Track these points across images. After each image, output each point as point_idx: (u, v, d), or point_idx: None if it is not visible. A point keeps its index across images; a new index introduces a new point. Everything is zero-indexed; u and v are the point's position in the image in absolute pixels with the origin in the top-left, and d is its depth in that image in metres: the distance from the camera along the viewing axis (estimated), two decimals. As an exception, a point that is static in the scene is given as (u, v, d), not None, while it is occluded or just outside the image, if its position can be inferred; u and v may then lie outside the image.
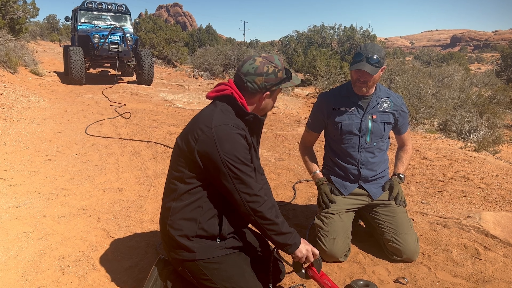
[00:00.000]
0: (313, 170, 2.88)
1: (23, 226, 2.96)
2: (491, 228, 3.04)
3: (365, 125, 2.71)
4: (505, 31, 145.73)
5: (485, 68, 37.32)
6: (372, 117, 2.71)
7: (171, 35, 23.76)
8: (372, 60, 2.52)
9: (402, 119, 2.82)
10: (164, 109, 8.79)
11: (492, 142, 7.55)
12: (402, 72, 12.61)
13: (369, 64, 2.53)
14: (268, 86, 1.87)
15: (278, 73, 1.87)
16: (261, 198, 1.81)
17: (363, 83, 2.61)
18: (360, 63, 2.54)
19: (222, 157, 1.74)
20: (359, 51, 2.58)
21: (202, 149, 1.77)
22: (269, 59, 1.87)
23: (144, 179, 4.15)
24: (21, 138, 5.42)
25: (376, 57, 2.53)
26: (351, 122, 2.72)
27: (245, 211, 1.81)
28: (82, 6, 12.84)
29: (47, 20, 41.82)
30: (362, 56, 2.54)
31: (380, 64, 2.56)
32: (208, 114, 1.85)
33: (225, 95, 1.87)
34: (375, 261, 2.65)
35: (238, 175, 1.76)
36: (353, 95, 2.72)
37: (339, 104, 2.75)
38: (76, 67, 11.40)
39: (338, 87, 2.87)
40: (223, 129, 1.77)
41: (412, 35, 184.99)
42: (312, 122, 2.88)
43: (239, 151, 1.77)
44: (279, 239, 1.86)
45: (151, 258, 2.58)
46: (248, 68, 1.86)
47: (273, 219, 1.82)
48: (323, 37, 26.81)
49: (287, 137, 6.66)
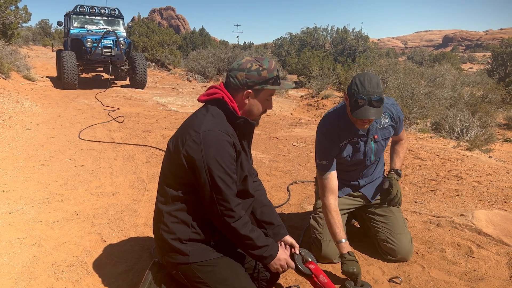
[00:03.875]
0: (339, 238, 2.37)
1: (16, 232, 2.94)
2: (483, 226, 3.06)
3: (369, 148, 2.60)
4: (496, 31, 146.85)
5: (477, 68, 37.58)
6: (374, 138, 2.60)
7: (164, 39, 23.74)
8: (375, 99, 2.26)
9: (400, 123, 2.72)
10: (158, 113, 8.78)
11: (484, 141, 7.60)
12: (395, 72, 12.68)
13: (373, 107, 2.27)
14: (250, 83, 1.83)
15: (262, 72, 1.83)
16: (236, 214, 1.79)
17: (366, 124, 2.42)
18: (363, 109, 2.27)
19: (205, 163, 1.72)
20: (358, 92, 2.27)
21: (188, 154, 1.75)
22: (257, 59, 1.86)
23: (138, 183, 4.14)
24: (14, 143, 5.39)
25: (379, 96, 2.26)
26: (358, 152, 2.59)
27: (220, 224, 1.80)
28: (74, 10, 12.81)
29: (39, 25, 41.60)
30: (363, 99, 2.25)
31: (382, 102, 2.29)
32: (199, 118, 1.84)
33: (216, 98, 1.87)
34: (369, 261, 2.66)
35: (218, 184, 1.73)
36: (352, 126, 2.51)
37: (343, 138, 2.54)
38: (69, 71, 11.37)
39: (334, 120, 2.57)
40: (211, 134, 1.75)
41: (405, 36, 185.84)
42: (329, 163, 2.50)
43: (223, 159, 1.74)
44: (254, 253, 1.86)
45: (145, 262, 2.58)
46: (234, 64, 1.87)
47: (247, 235, 1.80)
48: (316, 38, 26.94)
49: (281, 139, 6.66)
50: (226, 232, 1.83)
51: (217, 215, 1.78)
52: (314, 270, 2.01)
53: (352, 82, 2.33)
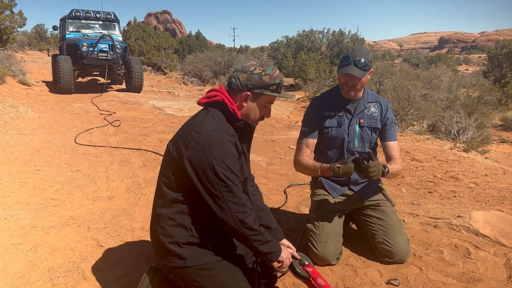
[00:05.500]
0: (317, 165, 2.57)
1: (11, 237, 2.92)
2: (481, 227, 3.07)
3: (352, 129, 2.70)
4: (491, 32, 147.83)
5: (472, 69, 37.73)
6: (360, 121, 2.70)
7: (160, 42, 23.76)
8: (360, 63, 2.51)
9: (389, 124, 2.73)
10: (154, 116, 8.77)
11: (480, 142, 7.63)
12: (391, 74, 12.73)
13: (356, 67, 2.52)
14: (250, 85, 1.85)
15: (263, 77, 1.85)
16: (248, 208, 1.79)
17: (351, 87, 2.60)
18: (347, 67, 2.53)
19: (210, 163, 1.71)
20: (347, 54, 2.56)
21: (191, 155, 1.75)
22: (262, 64, 1.89)
23: (135, 187, 4.12)
24: (9, 148, 5.36)
25: (364, 60, 2.52)
26: (340, 126, 2.71)
27: (232, 223, 1.76)
28: (70, 15, 12.78)
29: (35, 30, 41.64)
30: (349, 59, 2.53)
31: (367, 67, 2.55)
32: (199, 120, 1.84)
33: (216, 101, 1.87)
34: (367, 263, 2.66)
35: (225, 182, 1.73)
36: (341, 99, 2.71)
37: (329, 109, 2.73)
38: (64, 76, 11.33)
39: (327, 91, 2.86)
40: (213, 135, 1.75)
41: (401, 38, 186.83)
42: (309, 129, 2.76)
43: (228, 158, 1.74)
44: (265, 248, 1.84)
45: (142, 267, 2.56)
46: (238, 66, 1.92)
47: (258, 229, 1.80)
48: (312, 41, 27.04)
49: (278, 142, 6.66)
50: (238, 232, 1.78)
51: (229, 214, 1.75)
52: (311, 273, 2.01)
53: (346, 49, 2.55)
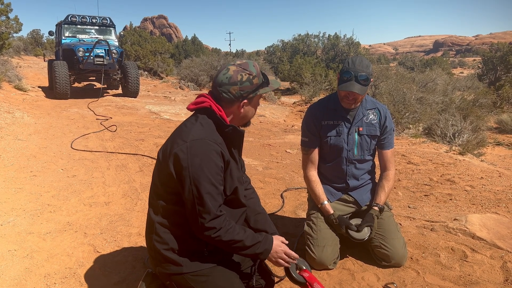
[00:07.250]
0: (321, 200, 2.71)
1: (7, 244, 2.90)
2: (477, 230, 3.08)
3: (351, 138, 2.70)
4: (486, 36, 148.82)
5: (467, 72, 37.88)
6: (359, 130, 2.70)
7: (156, 47, 23.74)
8: (362, 77, 2.48)
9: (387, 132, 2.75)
10: (151, 121, 8.76)
11: (476, 145, 7.67)
12: (386, 78, 12.80)
13: (358, 83, 2.48)
14: (244, 94, 1.83)
15: (253, 80, 1.83)
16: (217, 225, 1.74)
17: (351, 101, 2.59)
18: (349, 83, 2.49)
19: (190, 172, 1.70)
20: (347, 68, 2.51)
21: (175, 163, 1.74)
22: (243, 67, 1.83)
23: (131, 192, 4.11)
24: (5, 154, 5.34)
25: (365, 75, 2.49)
26: (339, 136, 2.70)
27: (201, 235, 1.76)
28: (66, 20, 12.76)
29: (30, 35, 41.56)
30: (350, 74, 2.49)
31: (369, 81, 2.53)
32: (188, 127, 1.83)
33: (203, 107, 1.86)
34: (364, 267, 2.66)
35: (201, 194, 1.70)
36: (340, 107, 2.70)
37: (327, 117, 2.72)
38: (60, 81, 11.30)
39: (325, 99, 2.83)
40: (198, 143, 1.73)
41: (396, 42, 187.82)
42: (309, 139, 2.76)
43: (209, 168, 1.72)
44: (247, 253, 1.83)
45: (139, 273, 2.55)
46: (222, 78, 1.82)
47: (233, 239, 1.77)
48: (308, 45, 27.14)
49: (274, 146, 6.67)
50: (210, 242, 1.79)
51: (198, 227, 1.74)
52: (308, 278, 2.00)
53: (345, 61, 2.58)
